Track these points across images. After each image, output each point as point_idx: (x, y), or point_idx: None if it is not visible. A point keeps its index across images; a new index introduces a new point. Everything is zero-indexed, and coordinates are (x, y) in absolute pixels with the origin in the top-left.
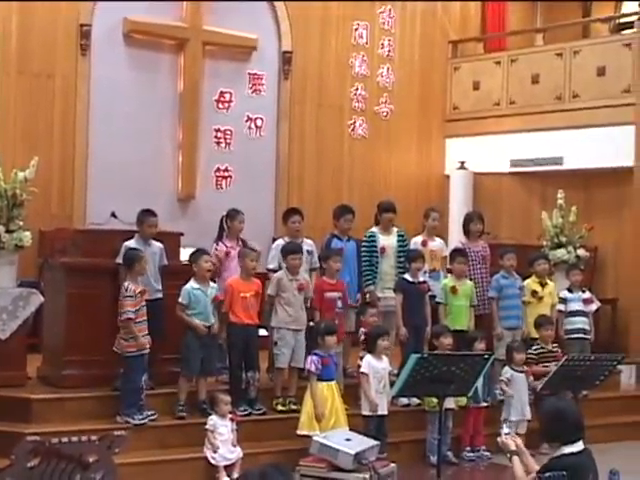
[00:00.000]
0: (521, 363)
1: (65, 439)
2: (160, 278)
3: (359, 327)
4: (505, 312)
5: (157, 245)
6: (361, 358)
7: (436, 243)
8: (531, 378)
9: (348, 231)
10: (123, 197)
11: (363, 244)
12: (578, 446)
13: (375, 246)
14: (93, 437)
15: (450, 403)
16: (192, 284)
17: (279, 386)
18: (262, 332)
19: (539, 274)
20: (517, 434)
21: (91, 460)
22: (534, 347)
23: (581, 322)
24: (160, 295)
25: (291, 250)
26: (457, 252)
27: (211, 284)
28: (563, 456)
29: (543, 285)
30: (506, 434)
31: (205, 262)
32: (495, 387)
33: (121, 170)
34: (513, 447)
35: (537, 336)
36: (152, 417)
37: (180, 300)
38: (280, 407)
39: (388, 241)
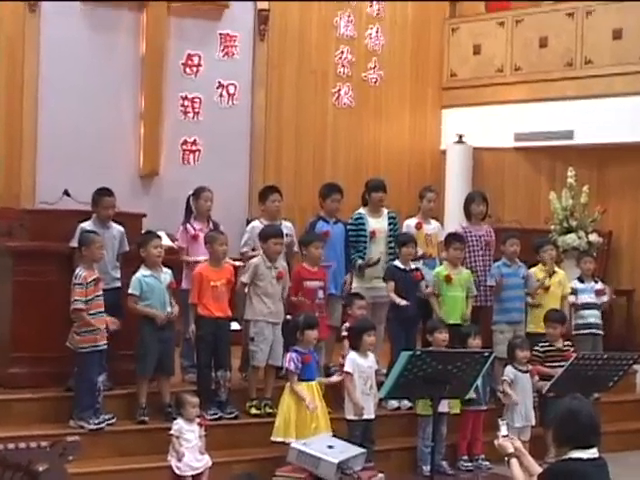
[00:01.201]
0: (524, 361)
1: (11, 445)
2: (119, 265)
3: (345, 321)
4: (506, 304)
5: (117, 228)
6: (344, 356)
7: (432, 226)
8: (536, 378)
9: (335, 212)
10: (77, 173)
11: (349, 227)
12: (590, 453)
13: (364, 229)
14: (43, 443)
15: (444, 407)
16: (142, 272)
17: (254, 387)
18: (234, 326)
19: (546, 262)
20: (521, 441)
21: (41, 469)
22: (541, 344)
23: (593, 316)
24: (119, 284)
25: (272, 234)
26: (453, 236)
27: (164, 269)
28: (570, 460)
29: (551, 274)
30: (504, 436)
31: (154, 247)
32: (498, 388)
33: (75, 143)
34: (511, 449)
35: (544, 331)
36: (110, 421)
37: (131, 291)
38: (254, 410)
39: (378, 224)
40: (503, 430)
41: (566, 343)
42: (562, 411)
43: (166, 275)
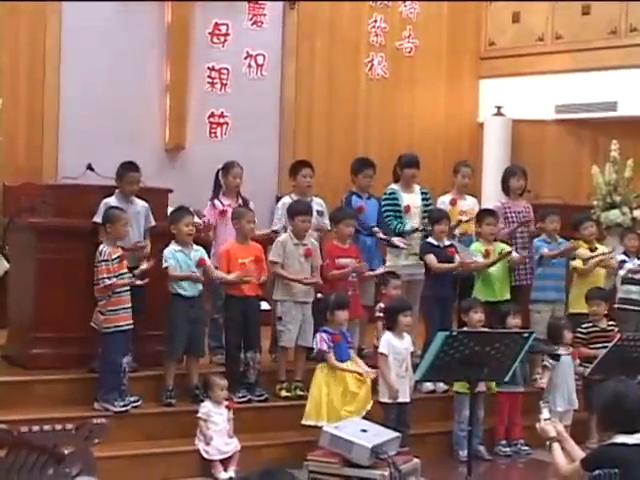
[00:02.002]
0: (570, 343)
1: (36, 428)
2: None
3: (379, 300)
4: (544, 282)
5: (141, 204)
6: (378, 337)
7: (467, 202)
8: (577, 362)
9: (368, 188)
10: (101, 147)
11: (384, 202)
12: (636, 438)
13: (398, 204)
14: (69, 426)
15: (481, 386)
16: (173, 246)
17: (283, 369)
18: (264, 306)
19: (586, 239)
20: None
21: (66, 452)
22: (584, 325)
23: (638, 292)
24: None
25: (299, 210)
26: (485, 212)
27: (195, 247)
28: (614, 445)
29: (593, 251)
30: (545, 419)
31: (185, 225)
32: (536, 370)
33: (99, 116)
34: (553, 433)
35: (585, 311)
36: (135, 403)
37: (165, 264)
38: (284, 393)
39: (411, 200)
40: (545, 413)
41: (610, 323)
42: (607, 395)
43: (196, 253)
